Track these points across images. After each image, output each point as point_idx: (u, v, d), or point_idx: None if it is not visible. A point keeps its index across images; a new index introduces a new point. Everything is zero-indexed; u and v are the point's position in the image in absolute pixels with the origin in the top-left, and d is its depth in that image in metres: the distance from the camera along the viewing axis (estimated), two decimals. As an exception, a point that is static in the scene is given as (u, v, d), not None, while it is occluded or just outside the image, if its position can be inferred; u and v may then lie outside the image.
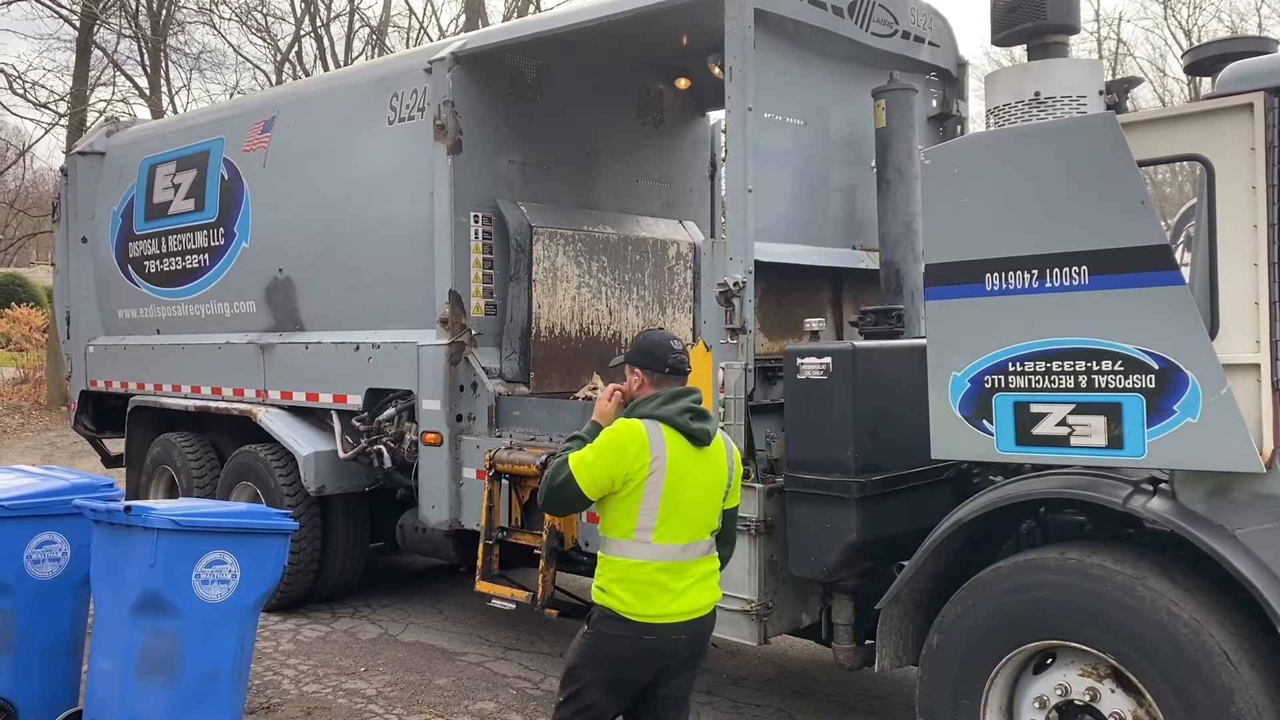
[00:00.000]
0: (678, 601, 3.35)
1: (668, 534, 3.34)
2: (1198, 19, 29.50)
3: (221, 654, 4.52)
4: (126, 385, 8.79)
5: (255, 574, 4.58)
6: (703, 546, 3.44)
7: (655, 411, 3.40)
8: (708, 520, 3.44)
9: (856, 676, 5.55)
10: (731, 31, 4.84)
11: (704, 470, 3.42)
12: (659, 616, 3.33)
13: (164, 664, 4.37)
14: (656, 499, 3.31)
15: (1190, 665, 3.28)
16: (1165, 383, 3.35)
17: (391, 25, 28.20)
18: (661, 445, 3.33)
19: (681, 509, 3.35)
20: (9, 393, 22.54)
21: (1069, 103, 3.93)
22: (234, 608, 4.52)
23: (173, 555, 4.34)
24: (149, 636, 4.37)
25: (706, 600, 3.44)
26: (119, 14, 23.13)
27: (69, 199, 9.41)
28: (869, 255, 5.62)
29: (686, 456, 3.37)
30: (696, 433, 3.38)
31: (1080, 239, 3.49)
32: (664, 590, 3.33)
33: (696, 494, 3.39)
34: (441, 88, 6.22)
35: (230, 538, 4.50)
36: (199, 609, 4.39)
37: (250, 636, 4.75)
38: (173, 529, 4.32)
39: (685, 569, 3.37)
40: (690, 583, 3.38)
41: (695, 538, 3.40)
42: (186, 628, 4.38)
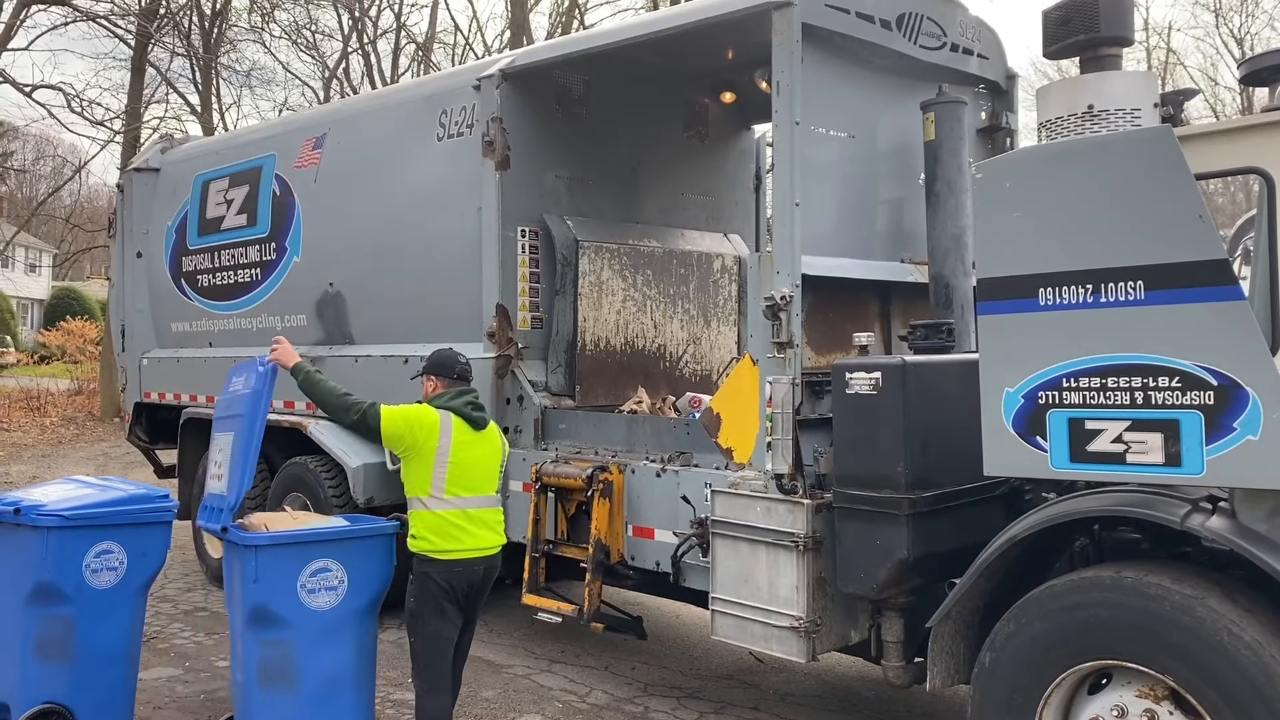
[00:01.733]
0: (473, 540, 4.47)
1: (458, 490, 4.47)
2: (1250, 26, 29.07)
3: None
4: (179, 397, 8.94)
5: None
6: (486, 500, 4.56)
7: (446, 404, 4.58)
8: (489, 481, 4.59)
9: (905, 695, 5.49)
10: (779, 46, 4.84)
11: (481, 444, 4.59)
12: (459, 552, 4.44)
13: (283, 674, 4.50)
14: (445, 466, 4.45)
15: (1252, 688, 3.21)
16: (1225, 399, 3.29)
17: (437, 42, 28.58)
18: (449, 428, 4.49)
19: (465, 471, 4.49)
20: (64, 404, 23.05)
21: (1123, 116, 3.89)
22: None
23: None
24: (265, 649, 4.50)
25: (493, 542, 4.56)
26: (172, 33, 23.65)
27: (124, 214, 9.62)
28: (918, 269, 5.58)
29: (468, 436, 4.54)
30: (474, 419, 4.58)
31: (1136, 254, 3.44)
32: (462, 531, 4.45)
33: (475, 460, 4.54)
34: (490, 104, 6.28)
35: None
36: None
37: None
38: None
39: (473, 516, 4.49)
40: (479, 527, 4.50)
41: (479, 492, 4.53)
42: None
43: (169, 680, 6.22)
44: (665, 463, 5.51)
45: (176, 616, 7.61)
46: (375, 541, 4.76)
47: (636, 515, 5.59)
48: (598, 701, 5.86)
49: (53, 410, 22.23)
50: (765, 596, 4.68)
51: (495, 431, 4.74)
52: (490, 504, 4.60)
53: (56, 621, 4.81)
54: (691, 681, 6.23)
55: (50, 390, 23.82)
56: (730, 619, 4.84)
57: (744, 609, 4.77)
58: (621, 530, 5.65)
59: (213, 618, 7.58)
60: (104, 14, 22.06)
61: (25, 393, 23.19)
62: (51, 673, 4.81)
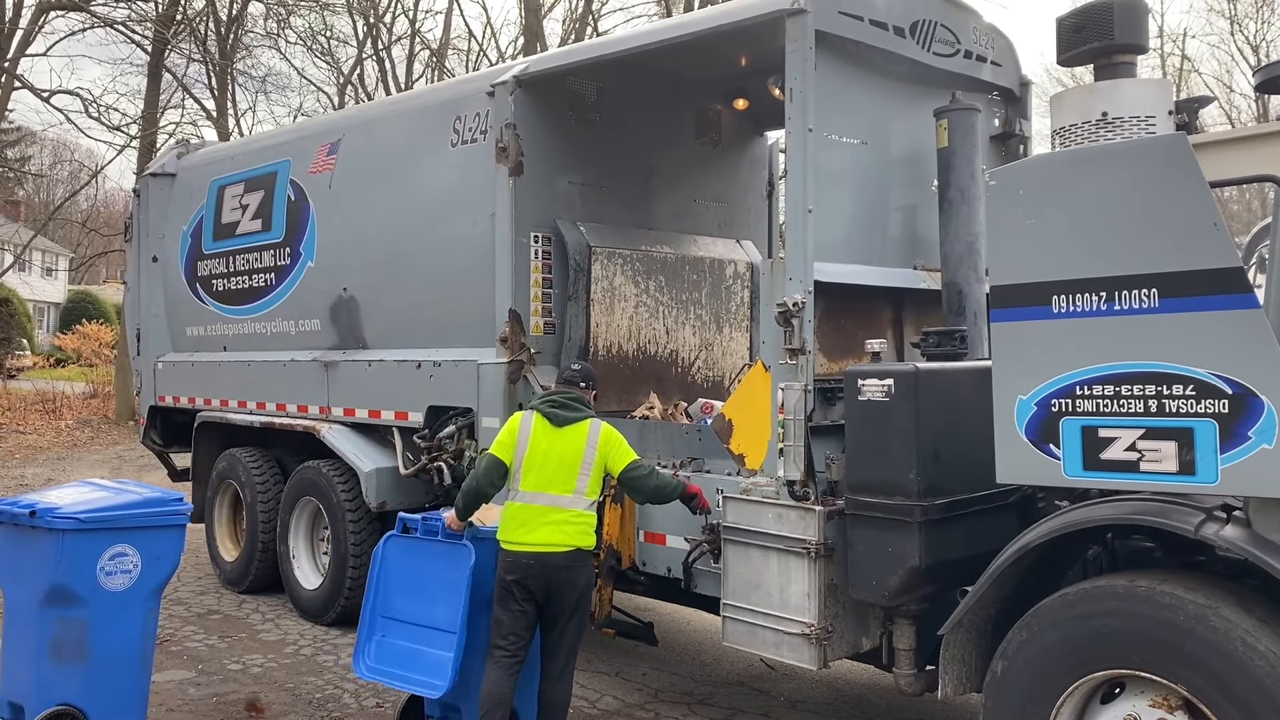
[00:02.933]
0: (528, 534, 4.59)
1: (529, 485, 4.65)
2: (1265, 33, 28.91)
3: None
4: (194, 401, 8.99)
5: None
6: (555, 498, 4.62)
7: (533, 404, 4.87)
8: (562, 478, 4.65)
9: (917, 702, 5.47)
10: (792, 53, 4.84)
11: (558, 441, 4.69)
12: (514, 544, 4.60)
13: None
14: (520, 461, 4.69)
15: (1267, 698, 3.19)
16: (1239, 407, 3.28)
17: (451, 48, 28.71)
18: (528, 425, 4.73)
19: (537, 467, 4.66)
20: (79, 407, 23.18)
21: (1138, 123, 3.88)
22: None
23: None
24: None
25: (552, 539, 4.58)
26: (189, 39, 23.82)
27: (140, 219, 9.68)
28: (930, 275, 5.57)
29: (545, 431, 4.71)
30: (551, 415, 4.73)
31: (1150, 261, 3.44)
32: (520, 525, 4.62)
33: (548, 456, 4.66)
34: (504, 111, 6.30)
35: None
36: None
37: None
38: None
39: (537, 511, 4.61)
40: (541, 524, 4.59)
41: (548, 489, 4.63)
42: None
43: (181, 683, 6.25)
44: (677, 468, 5.51)
45: (189, 619, 7.64)
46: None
47: (648, 521, 5.59)
48: (608, 707, 5.86)
49: (68, 413, 22.35)
50: (776, 603, 4.68)
51: (582, 430, 4.73)
52: (558, 502, 4.63)
53: (71, 624, 4.84)
54: (702, 688, 6.23)
55: (65, 393, 23.97)
56: (741, 625, 4.83)
57: (755, 615, 4.76)
58: (633, 536, 5.65)
59: (226, 621, 7.61)
60: (121, 20, 22.24)
61: (41, 396, 23.35)
62: (66, 675, 4.84)
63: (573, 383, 4.95)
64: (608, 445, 4.75)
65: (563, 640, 4.72)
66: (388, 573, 5.14)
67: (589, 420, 4.78)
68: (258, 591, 8.22)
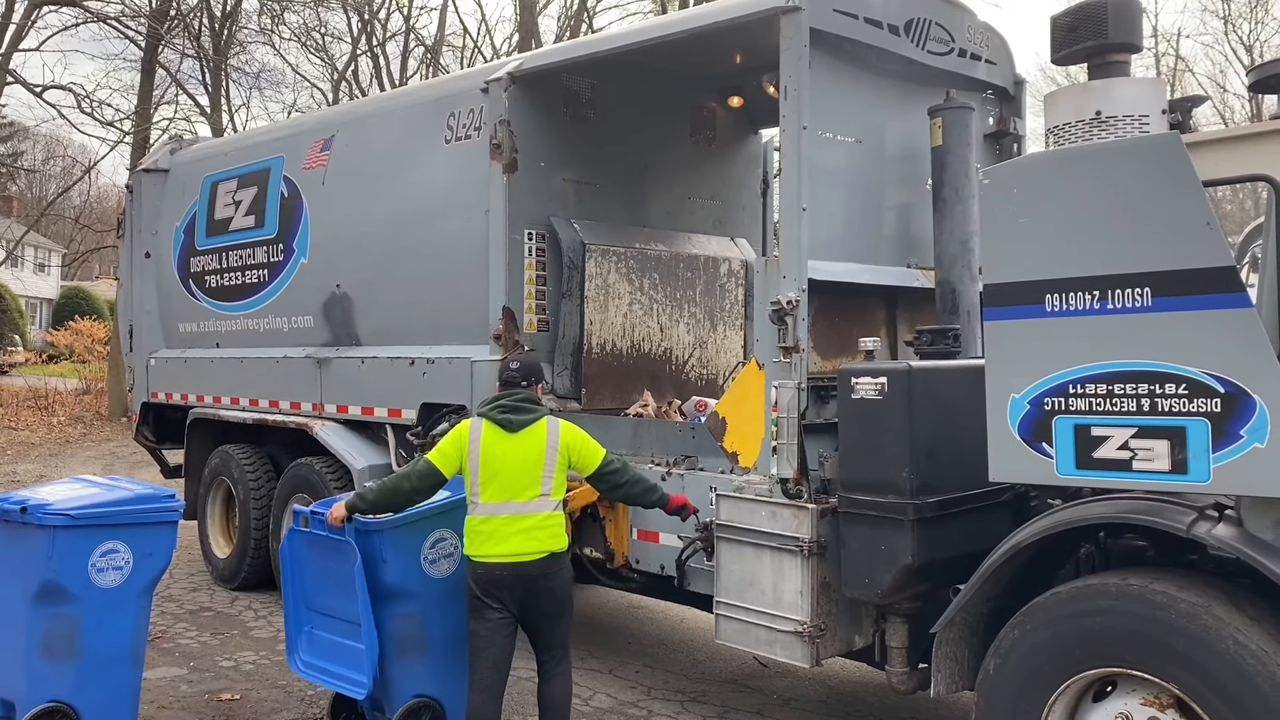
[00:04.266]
0: (496, 546, 4.43)
1: (490, 496, 4.47)
2: (1259, 34, 28.99)
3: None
4: (186, 397, 8.97)
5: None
6: (519, 506, 4.45)
7: (479, 411, 4.66)
8: (522, 484, 4.46)
9: (909, 700, 5.48)
10: (787, 51, 4.84)
11: (512, 446, 4.49)
12: (482, 557, 4.45)
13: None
14: (476, 472, 4.49)
15: (1258, 696, 3.20)
16: (1231, 407, 3.28)
17: (446, 45, 28.66)
18: (478, 434, 4.52)
19: (496, 476, 4.46)
20: (72, 403, 23.12)
21: (1131, 122, 3.89)
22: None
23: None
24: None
25: (529, 548, 4.44)
26: (182, 34, 23.75)
27: (133, 215, 9.65)
28: (924, 274, 5.58)
29: (496, 438, 4.50)
30: (501, 421, 4.52)
31: (1143, 260, 3.44)
32: (486, 538, 4.45)
33: (505, 464, 4.47)
34: (498, 107, 6.29)
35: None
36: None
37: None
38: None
39: (503, 521, 4.44)
40: (510, 533, 4.43)
41: (510, 497, 4.45)
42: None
43: (174, 680, 6.23)
44: (670, 466, 5.51)
45: (181, 616, 7.63)
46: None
47: (641, 518, 5.59)
48: (601, 705, 5.86)
49: (60, 410, 22.30)
50: (770, 601, 4.68)
51: (539, 431, 4.54)
52: (524, 510, 4.46)
53: (62, 621, 4.82)
54: (695, 686, 6.23)
55: (58, 390, 23.90)
56: (734, 623, 4.83)
57: (748, 613, 4.77)
58: (626, 533, 5.65)
59: (218, 618, 7.60)
60: (114, 15, 22.18)
61: (33, 392, 23.28)
62: (57, 672, 4.82)
63: (513, 384, 4.69)
64: (570, 444, 4.60)
65: (554, 636, 4.63)
66: (299, 566, 5.10)
67: (545, 420, 4.60)
68: (250, 588, 8.20)
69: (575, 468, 4.63)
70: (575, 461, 4.61)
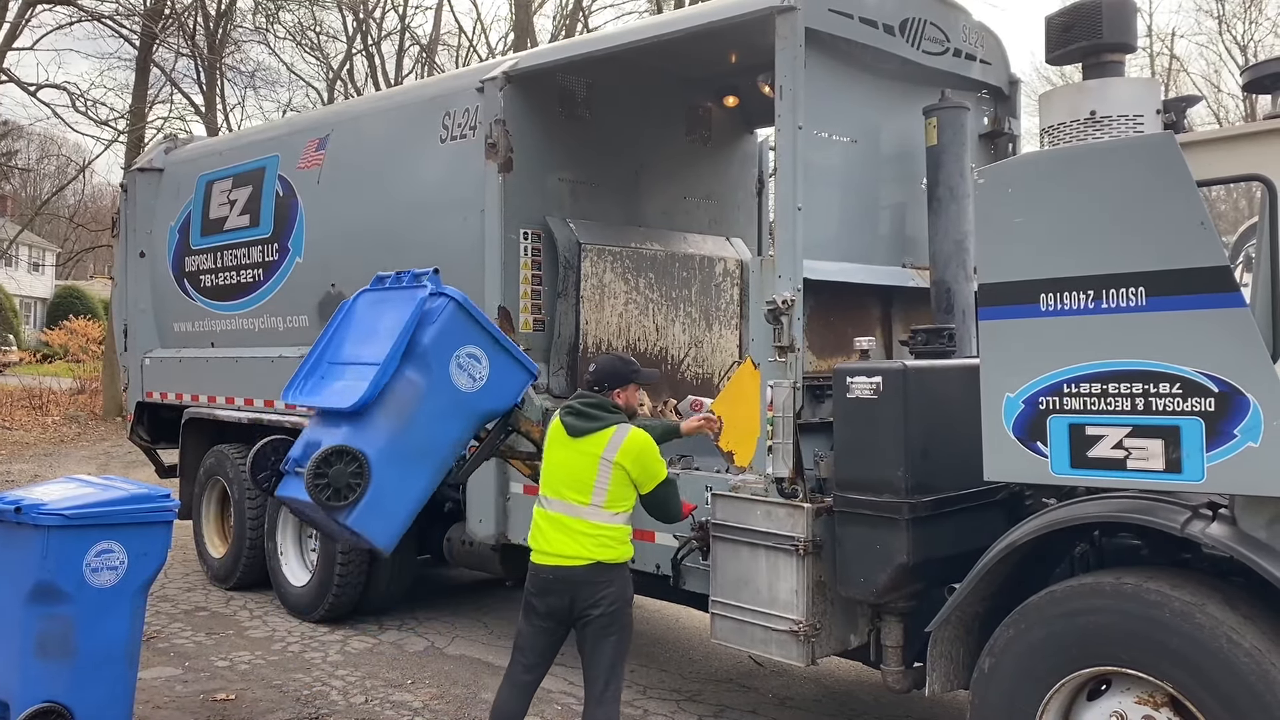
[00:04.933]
0: (545, 543, 4.36)
1: (546, 490, 4.45)
2: (1254, 34, 29.05)
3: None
4: (181, 397, 8.95)
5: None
6: (570, 507, 4.34)
7: (563, 404, 4.60)
8: (575, 488, 4.35)
9: (905, 699, 5.48)
10: (782, 51, 4.84)
11: (571, 453, 4.40)
12: (534, 553, 4.41)
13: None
14: (543, 465, 4.51)
15: (1252, 695, 3.21)
16: (1225, 406, 3.29)
17: (441, 44, 28.63)
18: (551, 429, 4.52)
19: (553, 473, 4.44)
20: (66, 403, 23.07)
21: (1126, 122, 3.89)
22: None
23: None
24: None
25: (573, 551, 4.30)
26: (177, 33, 23.71)
27: (128, 214, 9.62)
28: (919, 273, 5.58)
29: (560, 438, 4.46)
30: (565, 422, 4.46)
31: (1138, 260, 3.45)
32: (539, 532, 4.41)
33: (560, 465, 4.42)
34: (493, 106, 6.29)
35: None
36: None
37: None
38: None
39: (553, 519, 4.37)
40: (557, 531, 4.34)
41: (560, 497, 4.37)
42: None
43: (169, 680, 6.23)
44: (666, 465, 5.50)
45: (177, 616, 7.62)
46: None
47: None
48: (597, 704, 5.85)
49: (55, 409, 22.25)
50: (765, 600, 4.68)
51: (600, 441, 4.34)
52: (573, 511, 4.33)
53: (57, 620, 4.81)
54: (690, 685, 6.23)
55: (52, 389, 23.84)
56: (730, 622, 4.84)
57: (744, 612, 4.77)
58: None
59: (213, 618, 7.59)
60: (109, 14, 22.12)
61: (28, 391, 23.22)
62: (51, 672, 4.81)
63: (588, 386, 4.58)
64: (631, 458, 4.34)
65: (597, 659, 4.34)
66: (349, 320, 5.18)
67: (610, 430, 4.37)
68: (245, 588, 8.19)
69: (634, 481, 4.39)
70: (635, 477, 4.38)
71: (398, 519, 4.89)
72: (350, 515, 4.72)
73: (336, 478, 4.66)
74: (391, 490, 4.79)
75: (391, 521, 4.86)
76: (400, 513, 4.89)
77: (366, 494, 4.70)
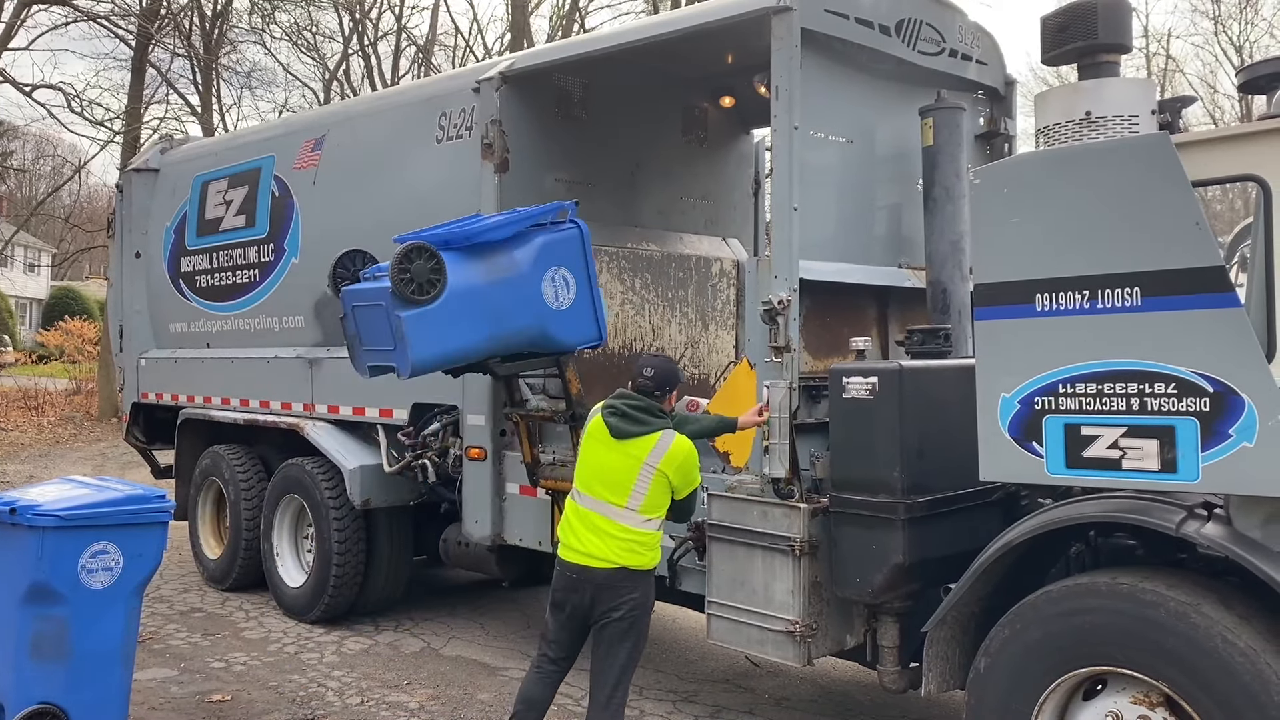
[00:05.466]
0: (576, 541, 4.33)
1: (582, 487, 4.40)
2: (1249, 34, 29.08)
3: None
4: (177, 398, 8.94)
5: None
6: (607, 508, 4.31)
7: (606, 400, 4.50)
8: (613, 489, 4.31)
9: (901, 699, 5.48)
10: (778, 51, 4.84)
11: (612, 453, 4.35)
12: (563, 549, 4.38)
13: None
14: (579, 461, 4.46)
15: (1247, 695, 3.21)
16: (1220, 406, 3.29)
17: (438, 44, 28.60)
18: (590, 425, 4.45)
19: (592, 473, 4.38)
20: (62, 403, 23.03)
21: (1121, 122, 3.90)
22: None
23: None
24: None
25: (600, 553, 4.27)
26: (173, 34, 23.66)
27: (124, 214, 9.61)
28: (915, 274, 5.58)
29: (601, 436, 4.38)
30: (608, 422, 4.38)
31: (1133, 260, 3.45)
32: (570, 530, 4.37)
33: (602, 465, 4.36)
34: (489, 107, 6.29)
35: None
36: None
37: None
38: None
39: (586, 516, 4.34)
40: (589, 531, 4.31)
41: (595, 495, 4.34)
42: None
43: (164, 681, 6.22)
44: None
45: (172, 617, 7.60)
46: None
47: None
48: (593, 705, 5.85)
49: (50, 410, 22.21)
50: (761, 600, 4.68)
51: (645, 446, 4.31)
52: (605, 512, 4.31)
53: (52, 622, 4.81)
54: (687, 685, 6.23)
55: (48, 390, 23.80)
56: (726, 623, 4.84)
57: (740, 613, 4.77)
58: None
59: (208, 619, 7.58)
60: (105, 14, 22.06)
61: (23, 392, 23.18)
62: (46, 673, 4.80)
63: (645, 391, 4.46)
64: (675, 466, 4.32)
65: (610, 663, 4.34)
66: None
67: (656, 435, 4.34)
68: (241, 589, 8.18)
69: (672, 488, 4.39)
70: (674, 485, 4.38)
71: (438, 348, 5.07)
72: (412, 312, 4.89)
73: (419, 272, 4.89)
74: (449, 319, 5.01)
75: (431, 346, 5.02)
76: (443, 345, 5.08)
77: (437, 300, 4.92)
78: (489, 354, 5.37)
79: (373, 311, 5.07)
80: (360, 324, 5.22)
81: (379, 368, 5.23)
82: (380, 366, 5.21)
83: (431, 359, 5.08)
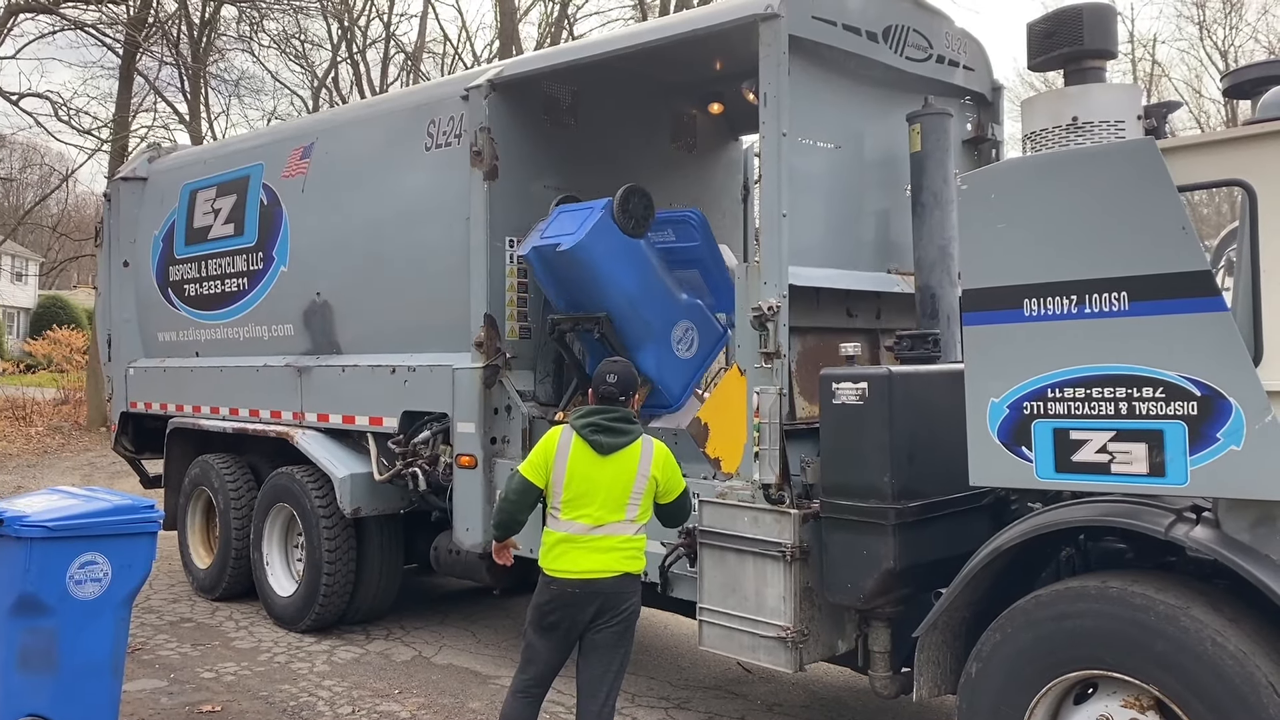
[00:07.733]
0: (573, 563, 4.25)
1: (573, 514, 4.27)
2: (1234, 39, 29.30)
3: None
4: (166, 407, 8.91)
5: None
6: (606, 528, 4.26)
7: (572, 421, 4.37)
8: (610, 506, 4.27)
9: (892, 705, 5.49)
10: (766, 58, 4.86)
11: (604, 472, 4.27)
12: (557, 571, 4.27)
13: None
14: (560, 486, 4.29)
15: (1236, 697, 3.22)
16: (1208, 410, 3.31)
17: (426, 52, 28.60)
18: (567, 447, 4.31)
19: (583, 495, 4.26)
20: (50, 413, 22.89)
21: (1107, 128, 3.92)
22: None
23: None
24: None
25: (605, 566, 4.25)
26: (161, 42, 23.60)
27: (111, 223, 9.58)
28: (904, 279, 5.60)
29: (587, 459, 4.28)
30: (592, 440, 4.29)
31: (1120, 265, 3.47)
32: (564, 555, 4.27)
33: (594, 484, 4.26)
34: (478, 114, 6.29)
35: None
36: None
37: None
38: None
39: (582, 540, 4.25)
40: (588, 551, 4.25)
41: (596, 520, 4.25)
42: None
43: (153, 692, 6.18)
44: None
45: (162, 628, 7.57)
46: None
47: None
48: (585, 712, 5.83)
49: (38, 420, 22.07)
50: (752, 606, 4.68)
51: (632, 457, 4.30)
52: (606, 531, 4.26)
53: (40, 633, 4.78)
54: (679, 692, 6.23)
55: (36, 399, 23.66)
56: (717, 629, 4.83)
57: (731, 619, 4.77)
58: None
59: (198, 629, 7.54)
60: (92, 23, 21.99)
61: (11, 402, 23.04)
62: (35, 685, 4.77)
63: (610, 399, 4.40)
64: (661, 468, 4.36)
65: (604, 670, 4.32)
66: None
67: (639, 443, 4.34)
68: (231, 599, 8.15)
69: (658, 493, 4.40)
70: (661, 489, 4.38)
71: (595, 253, 5.72)
72: (608, 219, 5.70)
73: (636, 208, 5.77)
74: (623, 251, 5.78)
75: (596, 247, 5.70)
76: (601, 258, 5.75)
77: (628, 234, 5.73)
78: (608, 308, 5.82)
79: (580, 213, 5.84)
80: (554, 222, 5.98)
81: (541, 247, 5.88)
82: (543, 246, 5.86)
83: (588, 257, 5.69)
